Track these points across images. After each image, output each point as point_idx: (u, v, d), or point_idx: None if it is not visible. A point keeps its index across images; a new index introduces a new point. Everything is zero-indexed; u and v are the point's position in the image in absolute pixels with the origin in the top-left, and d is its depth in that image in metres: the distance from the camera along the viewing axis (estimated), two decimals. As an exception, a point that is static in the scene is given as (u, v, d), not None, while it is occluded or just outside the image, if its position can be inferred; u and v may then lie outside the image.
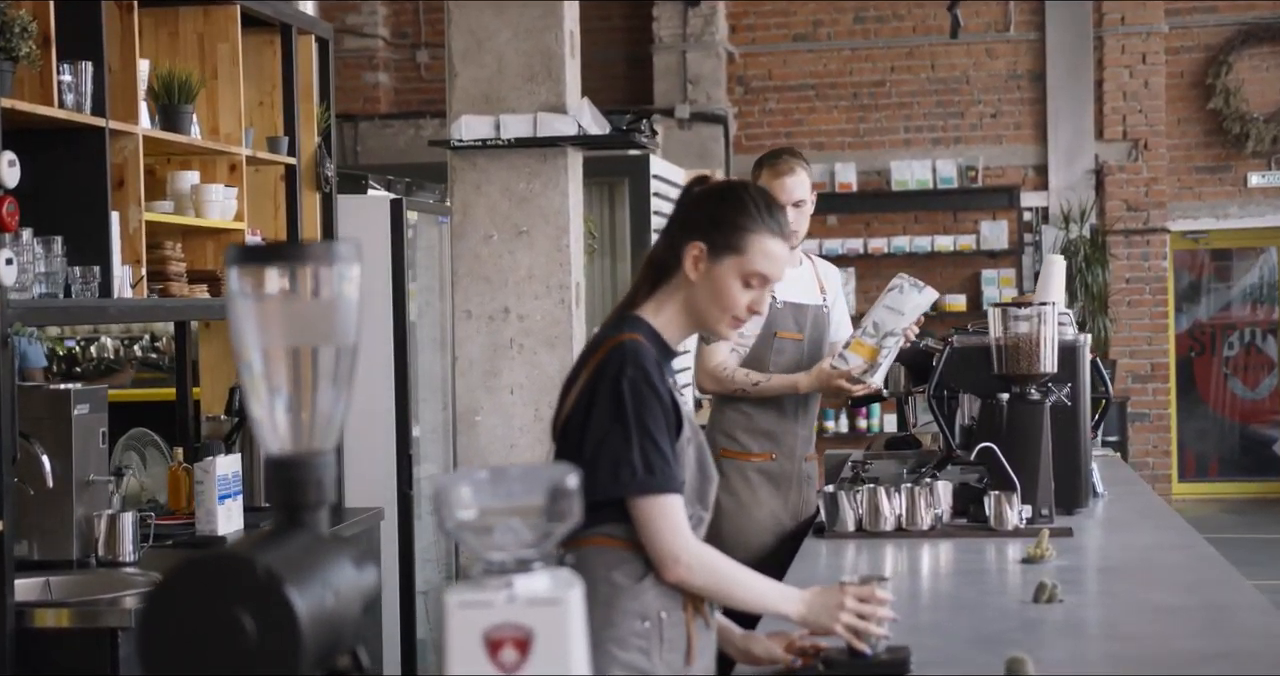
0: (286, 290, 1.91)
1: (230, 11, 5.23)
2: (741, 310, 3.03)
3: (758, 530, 5.13)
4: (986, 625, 3.35)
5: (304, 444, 1.91)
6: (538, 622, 1.83)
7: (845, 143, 13.61)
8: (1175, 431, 13.81)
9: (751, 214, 3.05)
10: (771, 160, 5.47)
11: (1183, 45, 13.45)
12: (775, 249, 3.04)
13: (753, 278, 3.02)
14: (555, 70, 7.03)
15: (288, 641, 1.71)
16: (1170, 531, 4.57)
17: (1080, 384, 4.96)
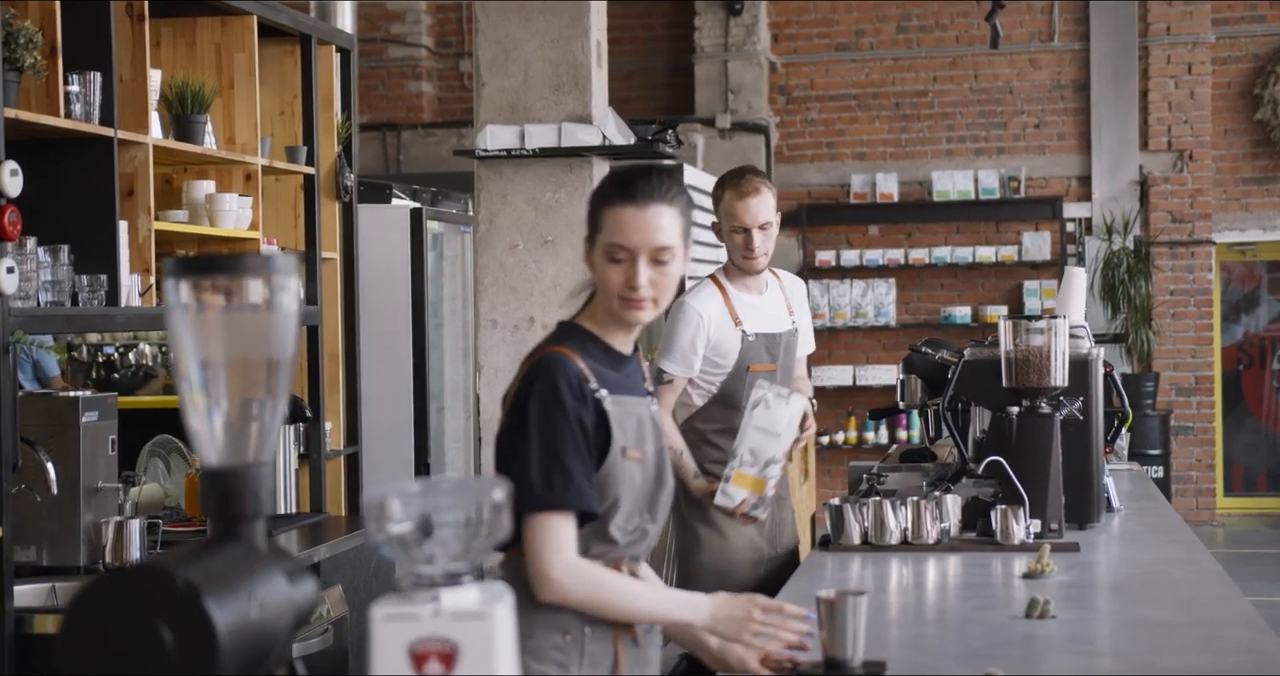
0: (225, 302, 1.92)
1: (248, 22, 5.26)
2: (619, 287, 2.95)
3: (739, 559, 5.07)
4: (974, 640, 3.33)
5: (241, 455, 1.92)
6: (463, 636, 1.83)
7: (887, 153, 13.57)
8: (1221, 445, 13.68)
9: (601, 191, 3.01)
10: (734, 180, 5.06)
11: (1230, 55, 13.34)
12: (623, 217, 2.93)
13: (614, 250, 2.94)
14: (582, 80, 7.05)
15: (205, 653, 1.71)
16: (1178, 547, 4.53)
17: (1093, 397, 4.92)
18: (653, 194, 2.95)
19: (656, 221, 2.94)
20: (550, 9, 7.03)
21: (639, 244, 2.92)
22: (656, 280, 2.96)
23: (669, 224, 2.96)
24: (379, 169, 13.28)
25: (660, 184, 2.99)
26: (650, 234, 2.93)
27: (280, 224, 5.79)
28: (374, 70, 13.99)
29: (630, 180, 2.98)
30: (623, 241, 2.93)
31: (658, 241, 2.94)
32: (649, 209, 2.94)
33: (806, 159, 13.67)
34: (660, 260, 2.95)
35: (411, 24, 13.99)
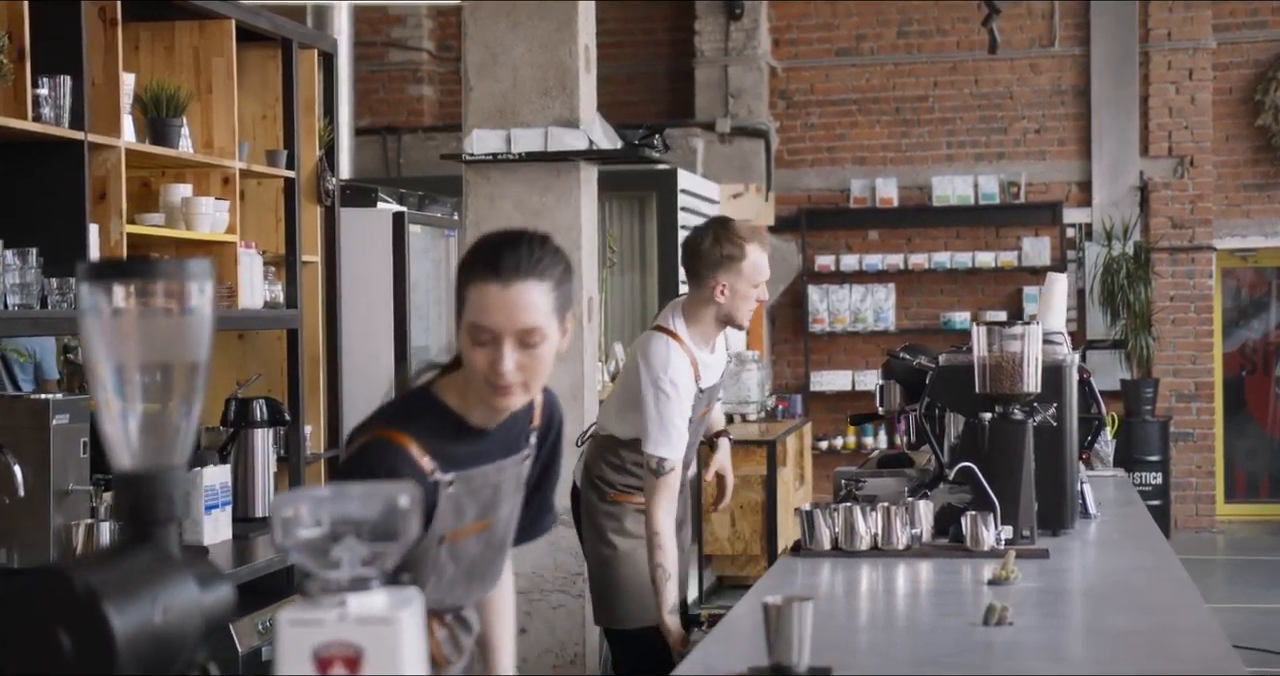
0: (139, 306, 1.93)
1: (226, 26, 5.28)
2: (484, 371, 2.68)
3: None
4: (928, 647, 3.33)
5: (155, 460, 1.92)
6: (368, 641, 1.83)
7: (887, 157, 13.56)
8: (1221, 451, 13.66)
9: (466, 262, 2.72)
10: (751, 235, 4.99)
11: (1231, 61, 13.32)
12: (486, 295, 2.65)
13: (477, 332, 2.67)
14: (570, 84, 7.05)
15: (102, 658, 1.72)
16: (1149, 555, 4.52)
17: (1067, 403, 4.91)
18: (520, 268, 2.66)
19: (523, 300, 2.65)
20: (538, 14, 7.03)
21: (503, 326, 2.65)
22: (526, 364, 2.68)
23: (539, 301, 2.67)
24: (379, 172, 13.29)
25: (531, 255, 2.69)
26: (516, 315, 2.65)
27: (262, 227, 5.80)
28: (374, 74, 14.01)
29: (496, 252, 2.68)
30: (485, 323, 2.65)
31: (524, 323, 2.65)
32: (514, 286, 2.65)
33: (806, 163, 13.67)
34: (529, 343, 2.67)
35: (413, 28, 14.01)
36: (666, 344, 4.88)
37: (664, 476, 4.82)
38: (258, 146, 5.75)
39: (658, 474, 4.81)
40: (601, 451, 5.09)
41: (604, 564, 5.07)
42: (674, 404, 4.83)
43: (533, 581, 7.09)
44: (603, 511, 5.05)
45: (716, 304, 4.91)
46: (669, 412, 4.82)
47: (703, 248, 4.90)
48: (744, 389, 9.86)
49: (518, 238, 2.73)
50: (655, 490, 4.84)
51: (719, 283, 4.88)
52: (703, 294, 4.91)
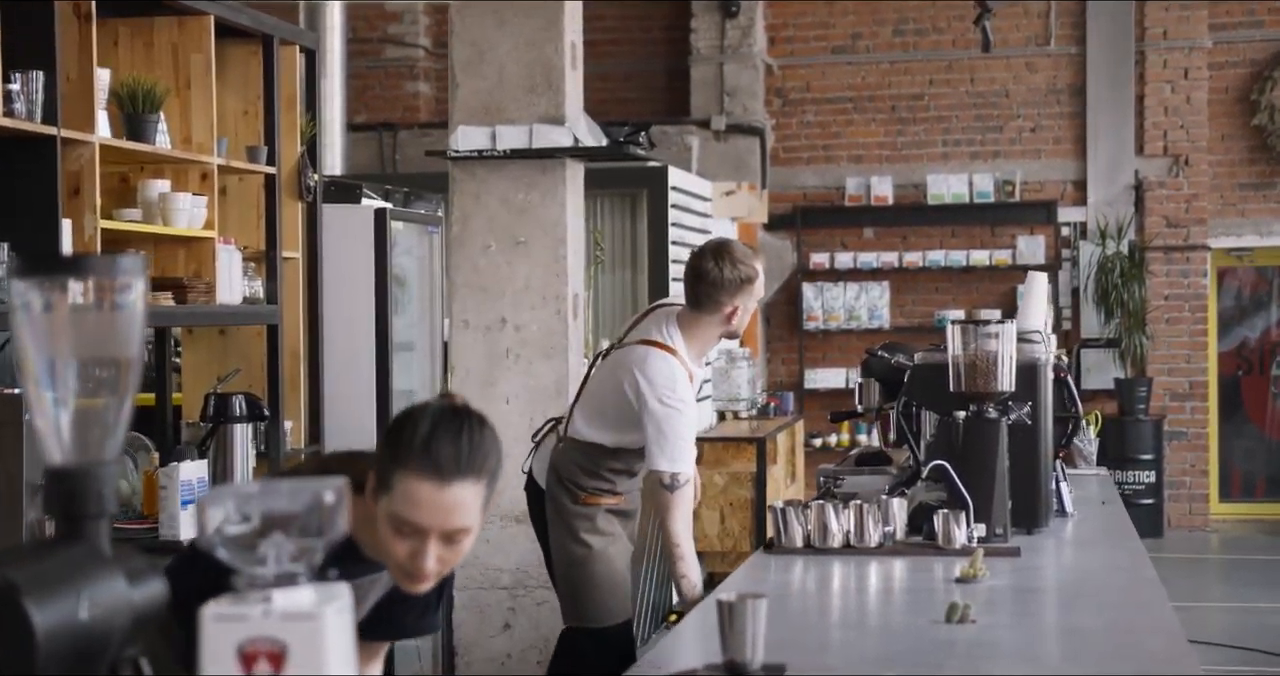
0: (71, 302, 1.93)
1: (205, 22, 5.28)
2: (401, 560, 2.55)
3: (623, 564, 5.14)
4: (888, 645, 3.34)
5: (86, 455, 1.93)
6: (292, 637, 1.84)
7: (883, 156, 13.56)
8: (1216, 451, 13.65)
9: (400, 443, 2.52)
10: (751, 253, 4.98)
11: (1227, 60, 13.31)
12: (419, 493, 2.48)
13: (402, 525, 2.52)
14: (555, 81, 7.05)
15: (23, 653, 1.72)
16: (1120, 553, 4.53)
17: (1041, 402, 4.91)
18: (460, 466, 2.49)
19: (459, 501, 2.50)
20: (524, 11, 7.03)
21: (433, 526, 2.51)
22: (446, 558, 2.56)
23: (473, 501, 2.53)
24: (375, 168, 13.29)
25: (471, 449, 2.51)
26: (449, 517, 2.50)
27: (243, 223, 5.81)
28: (371, 70, 14.01)
29: (436, 446, 2.49)
30: (414, 520, 2.50)
31: (456, 523, 2.52)
32: (452, 487, 2.49)
33: (802, 161, 13.67)
34: (455, 540, 2.54)
35: (409, 24, 14.01)
36: (668, 361, 4.87)
37: (679, 490, 4.82)
38: (239, 142, 5.76)
39: (672, 489, 4.81)
40: (573, 455, 5.07)
41: (577, 563, 5.07)
42: (685, 419, 4.84)
43: (516, 577, 7.10)
44: (574, 512, 5.05)
45: (728, 325, 4.93)
46: (681, 429, 4.83)
47: (716, 275, 4.86)
48: (734, 386, 9.86)
49: (457, 426, 2.53)
50: (672, 505, 4.83)
51: (735, 306, 4.89)
52: (714, 317, 4.90)
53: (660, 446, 4.82)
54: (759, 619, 2.94)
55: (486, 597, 7.11)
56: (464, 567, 7.03)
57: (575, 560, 5.08)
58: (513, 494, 6.61)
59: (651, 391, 4.81)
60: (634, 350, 4.96)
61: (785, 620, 3.67)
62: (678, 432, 4.83)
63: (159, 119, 4.97)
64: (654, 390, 4.81)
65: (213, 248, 5.25)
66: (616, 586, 5.07)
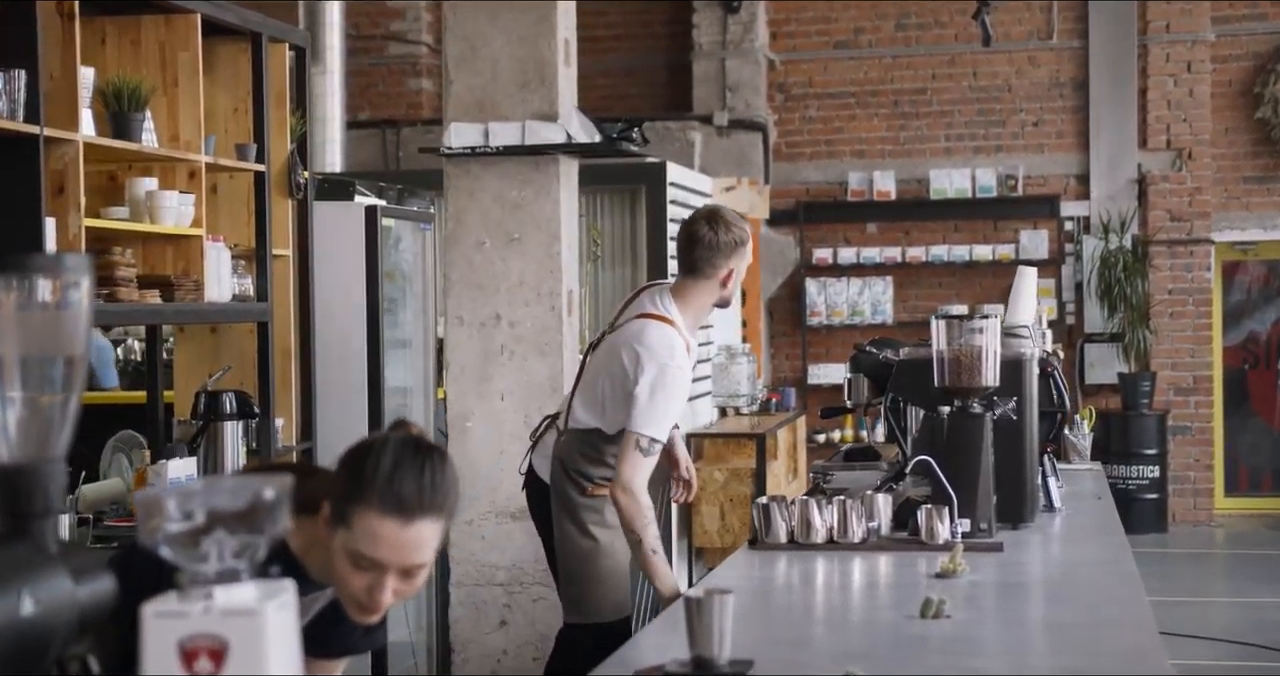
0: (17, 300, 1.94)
1: (191, 20, 5.30)
2: (357, 594, 2.54)
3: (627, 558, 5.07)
4: (859, 640, 3.35)
5: (33, 452, 1.94)
6: (233, 633, 1.85)
7: (886, 151, 13.55)
8: (1221, 445, 13.63)
9: (360, 479, 2.51)
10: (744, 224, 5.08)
11: (1231, 53, 13.29)
12: (381, 530, 2.48)
13: (361, 560, 2.52)
14: (549, 78, 7.05)
15: (-40, 648, 1.73)
16: (1103, 548, 4.53)
17: (1027, 398, 4.91)
18: (423, 504, 2.49)
19: (420, 539, 2.50)
20: (518, 7, 7.03)
21: (394, 562, 2.51)
22: (402, 591, 2.57)
23: (432, 537, 2.53)
24: (378, 165, 13.31)
25: (433, 487, 2.51)
26: (410, 552, 2.50)
27: (234, 221, 5.82)
28: (374, 67, 14.02)
29: (399, 483, 2.49)
30: (375, 556, 2.50)
31: (416, 560, 2.52)
32: (415, 525, 2.49)
33: (805, 157, 13.66)
34: (412, 575, 2.55)
35: (412, 21, 14.03)
36: (665, 330, 4.88)
37: (649, 456, 4.78)
38: (229, 140, 5.77)
39: (646, 453, 4.76)
40: (576, 445, 5.05)
41: (584, 557, 5.03)
42: (678, 386, 4.82)
43: (513, 574, 7.10)
44: (583, 505, 5.00)
45: (722, 290, 4.96)
46: (672, 394, 4.81)
47: (711, 238, 4.91)
48: (734, 382, 9.86)
49: (420, 463, 2.53)
50: (639, 469, 4.76)
51: (730, 269, 4.93)
52: (709, 283, 4.93)
53: (643, 410, 4.75)
54: (725, 615, 2.94)
55: (482, 594, 7.12)
56: (460, 564, 7.04)
57: (582, 554, 5.02)
58: (509, 490, 6.63)
59: (650, 356, 4.80)
60: (629, 326, 4.95)
61: (762, 615, 3.68)
62: (669, 396, 4.80)
63: (144, 117, 4.98)
64: (655, 358, 4.80)
65: (201, 245, 5.26)
66: (620, 581, 5.05)
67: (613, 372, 4.91)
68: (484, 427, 6.96)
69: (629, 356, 4.85)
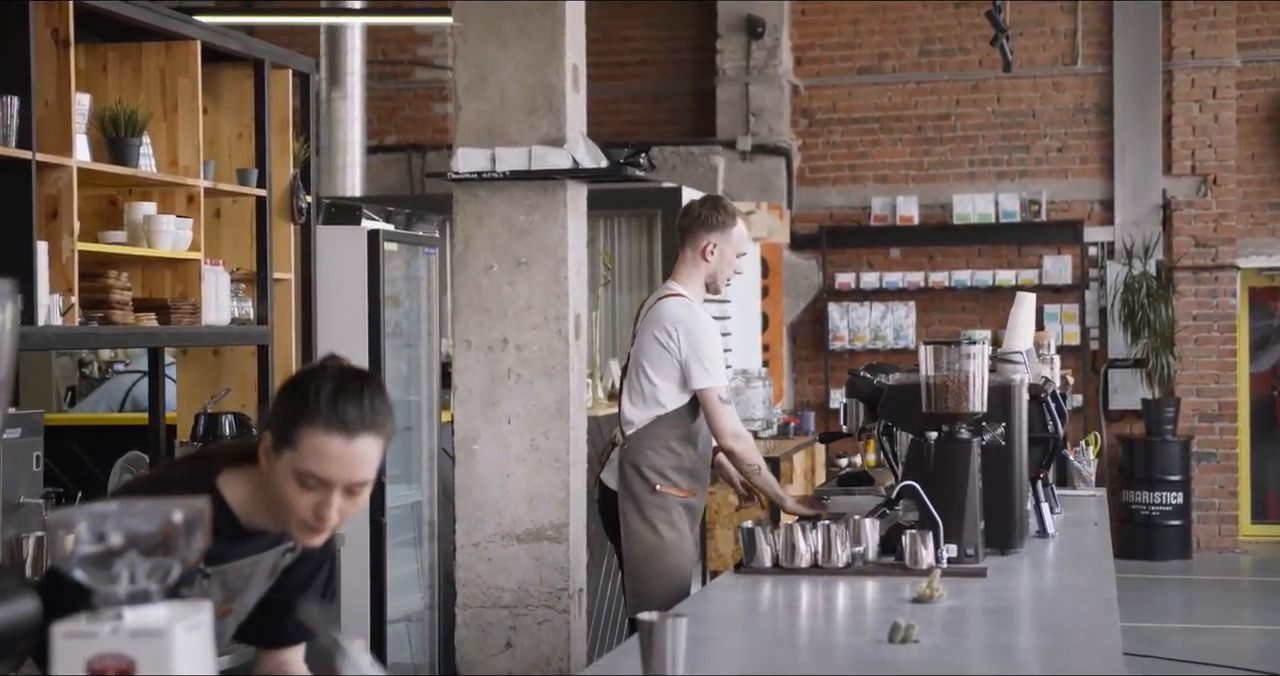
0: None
1: (191, 47, 5.36)
2: (304, 513, 2.67)
3: (689, 562, 5.43)
4: (822, 665, 3.36)
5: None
6: (140, 653, 1.87)
7: (909, 176, 13.56)
8: (1248, 472, 13.55)
9: (302, 400, 2.66)
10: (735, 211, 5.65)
11: (1258, 79, 13.25)
12: (327, 447, 2.63)
13: (308, 478, 2.65)
14: (556, 104, 7.08)
15: None
16: (1087, 575, 4.52)
17: (1016, 423, 4.91)
18: (365, 422, 2.66)
19: (364, 454, 2.67)
20: (526, 34, 7.07)
21: (340, 478, 2.66)
22: (347, 510, 2.71)
23: (374, 453, 2.69)
24: (404, 190, 13.39)
25: (373, 408, 2.68)
26: (355, 468, 2.66)
27: (237, 245, 5.88)
28: (400, 92, 14.11)
29: (343, 402, 2.65)
30: (322, 473, 2.65)
31: (361, 476, 2.68)
32: (359, 441, 2.65)
33: (828, 182, 13.67)
34: (356, 492, 2.70)
35: (438, 47, 14.11)
36: (677, 300, 5.43)
37: (730, 404, 5.35)
38: (233, 164, 5.83)
39: (727, 401, 5.32)
40: (639, 445, 5.44)
41: (648, 554, 5.40)
42: (711, 334, 5.36)
43: (518, 596, 7.11)
44: (651, 503, 5.40)
45: (705, 263, 5.49)
46: (712, 342, 5.34)
47: (697, 211, 5.61)
48: (749, 406, 9.88)
49: (359, 385, 2.70)
50: (728, 416, 5.33)
51: (711, 242, 5.49)
52: (694, 254, 5.51)
53: (701, 362, 5.28)
54: (679, 638, 2.96)
55: (488, 616, 7.13)
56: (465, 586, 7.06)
57: (647, 550, 5.39)
58: (514, 513, 6.66)
59: (675, 323, 5.35)
60: (646, 316, 5.53)
61: (731, 639, 3.70)
62: (711, 344, 5.32)
63: (141, 142, 5.04)
64: (676, 321, 5.35)
65: (199, 269, 5.32)
66: (682, 581, 5.35)
67: (650, 357, 5.42)
68: (491, 450, 6.98)
69: (660, 334, 5.39)
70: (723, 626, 3.83)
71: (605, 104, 13.96)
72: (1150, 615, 10.62)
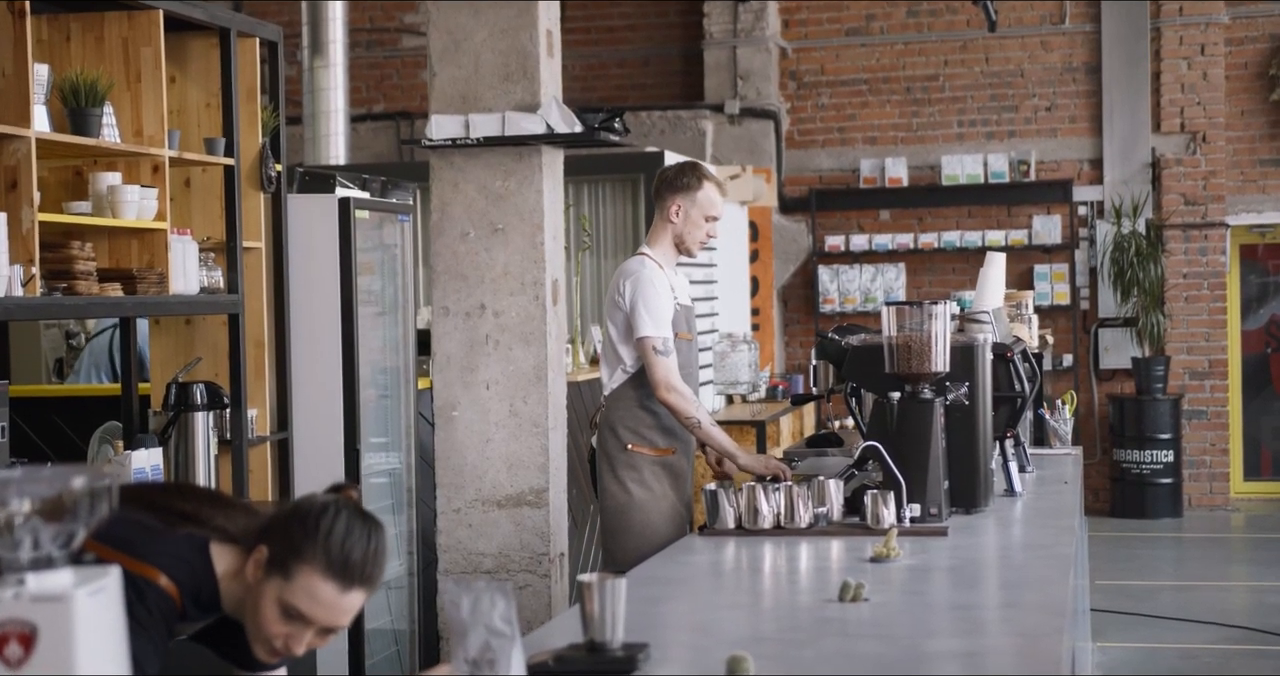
0: None
1: (154, 16, 5.35)
2: (276, 639, 2.70)
3: (663, 521, 5.48)
4: (768, 624, 3.38)
5: None
6: (42, 619, 1.89)
7: (898, 137, 13.53)
8: (1240, 429, 13.57)
9: (316, 542, 2.66)
10: (708, 173, 5.73)
11: (1246, 35, 13.21)
12: (321, 593, 2.66)
13: (293, 611, 2.68)
14: (530, 70, 7.07)
15: None
16: (1048, 533, 4.53)
17: (979, 383, 4.92)
18: (363, 576, 2.69)
19: (353, 605, 2.71)
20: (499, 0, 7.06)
21: (323, 621, 2.70)
22: (315, 643, 2.76)
23: (360, 604, 2.74)
24: (393, 158, 13.38)
25: (374, 563, 2.71)
26: (340, 615, 2.71)
27: (207, 215, 5.88)
28: (388, 60, 14.09)
29: (349, 551, 2.67)
30: (308, 613, 2.68)
31: (342, 622, 2.73)
32: (352, 593, 2.69)
33: (818, 144, 13.65)
34: (330, 633, 2.75)
35: (424, 14, 14.05)
36: (638, 259, 5.56)
37: (668, 356, 5.33)
38: (201, 134, 5.82)
39: (663, 353, 5.32)
40: (617, 404, 5.54)
41: (619, 511, 5.47)
42: (657, 289, 5.39)
43: (499, 562, 7.14)
44: (622, 461, 5.47)
45: (671, 223, 5.58)
46: (655, 293, 5.38)
47: (668, 175, 5.72)
48: (734, 370, 9.88)
49: (366, 532, 2.71)
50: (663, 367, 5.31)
51: (677, 204, 5.60)
52: (663, 216, 5.62)
53: (641, 318, 5.35)
54: (618, 599, 2.97)
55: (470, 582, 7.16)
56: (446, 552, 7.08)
57: (618, 507, 5.47)
58: (494, 479, 6.68)
59: (624, 277, 5.47)
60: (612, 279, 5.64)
61: (686, 600, 3.72)
62: (655, 294, 5.37)
63: (103, 113, 5.04)
64: (624, 274, 5.48)
65: (165, 239, 5.32)
66: (652, 537, 5.35)
67: (613, 318, 5.52)
68: (470, 416, 7.00)
69: (615, 292, 5.53)
70: (677, 587, 3.85)
71: (593, 69, 13.94)
72: (1141, 573, 10.65)
